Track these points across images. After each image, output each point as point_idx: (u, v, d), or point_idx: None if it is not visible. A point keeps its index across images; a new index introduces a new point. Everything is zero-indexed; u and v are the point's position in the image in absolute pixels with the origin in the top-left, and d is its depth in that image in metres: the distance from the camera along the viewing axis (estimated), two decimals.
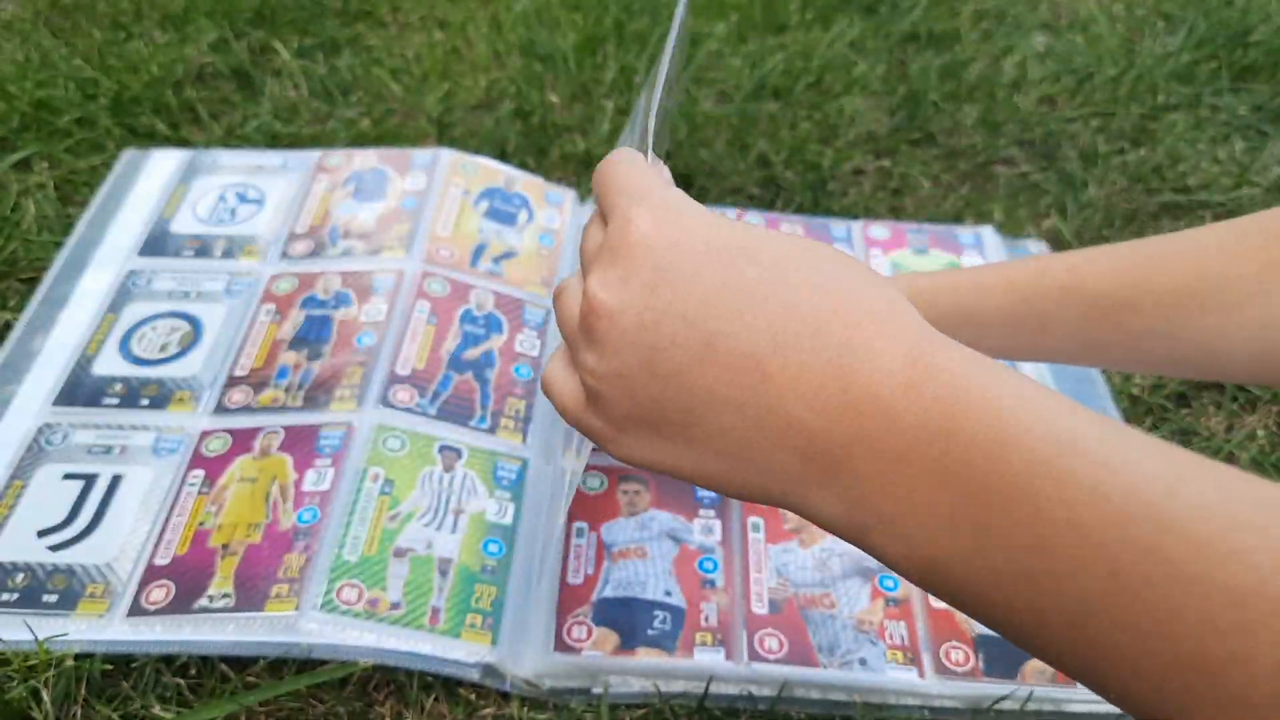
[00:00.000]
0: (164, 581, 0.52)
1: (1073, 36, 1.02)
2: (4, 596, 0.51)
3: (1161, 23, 1.04)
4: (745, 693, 0.51)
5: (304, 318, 0.66)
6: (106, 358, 0.63)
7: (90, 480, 0.57)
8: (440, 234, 0.72)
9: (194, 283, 0.68)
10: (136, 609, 0.51)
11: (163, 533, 0.54)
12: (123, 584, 0.52)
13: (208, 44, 0.91)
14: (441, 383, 0.62)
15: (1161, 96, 0.94)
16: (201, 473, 0.57)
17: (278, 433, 0.59)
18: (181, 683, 0.50)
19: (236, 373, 0.63)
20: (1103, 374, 0.69)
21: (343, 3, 0.99)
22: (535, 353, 0.66)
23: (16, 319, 0.66)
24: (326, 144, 0.83)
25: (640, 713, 0.51)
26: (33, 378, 0.62)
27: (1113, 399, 0.67)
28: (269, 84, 0.88)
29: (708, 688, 0.51)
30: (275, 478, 0.56)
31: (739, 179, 0.83)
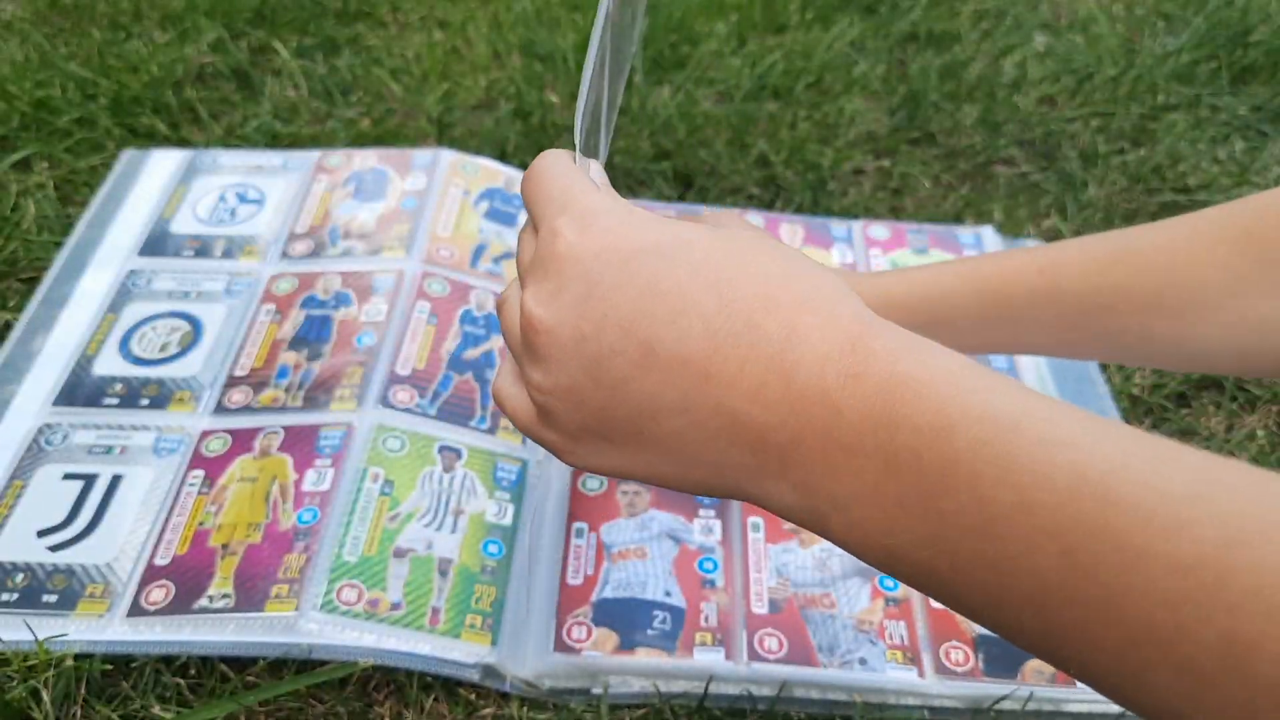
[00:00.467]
0: (164, 582, 0.52)
1: (1073, 36, 1.02)
2: (4, 596, 0.51)
3: (1161, 23, 1.04)
4: (745, 693, 0.51)
5: (304, 318, 0.66)
6: (106, 358, 0.63)
7: (90, 480, 0.57)
8: (440, 234, 0.72)
9: (194, 283, 0.68)
10: (136, 609, 0.51)
11: (163, 533, 0.54)
12: (122, 584, 0.52)
13: (207, 44, 0.91)
14: (441, 383, 0.62)
15: (1161, 96, 0.94)
16: (201, 473, 0.57)
17: (278, 433, 0.59)
18: (181, 683, 0.50)
19: (236, 373, 0.63)
20: (1103, 374, 0.69)
21: (342, 3, 0.99)
22: None
23: (16, 319, 0.66)
24: (326, 144, 0.83)
25: (640, 713, 0.51)
26: (33, 378, 0.62)
27: (1113, 399, 0.67)
28: (269, 84, 0.88)
29: (707, 688, 0.51)
30: (275, 478, 0.56)
31: (739, 179, 0.83)
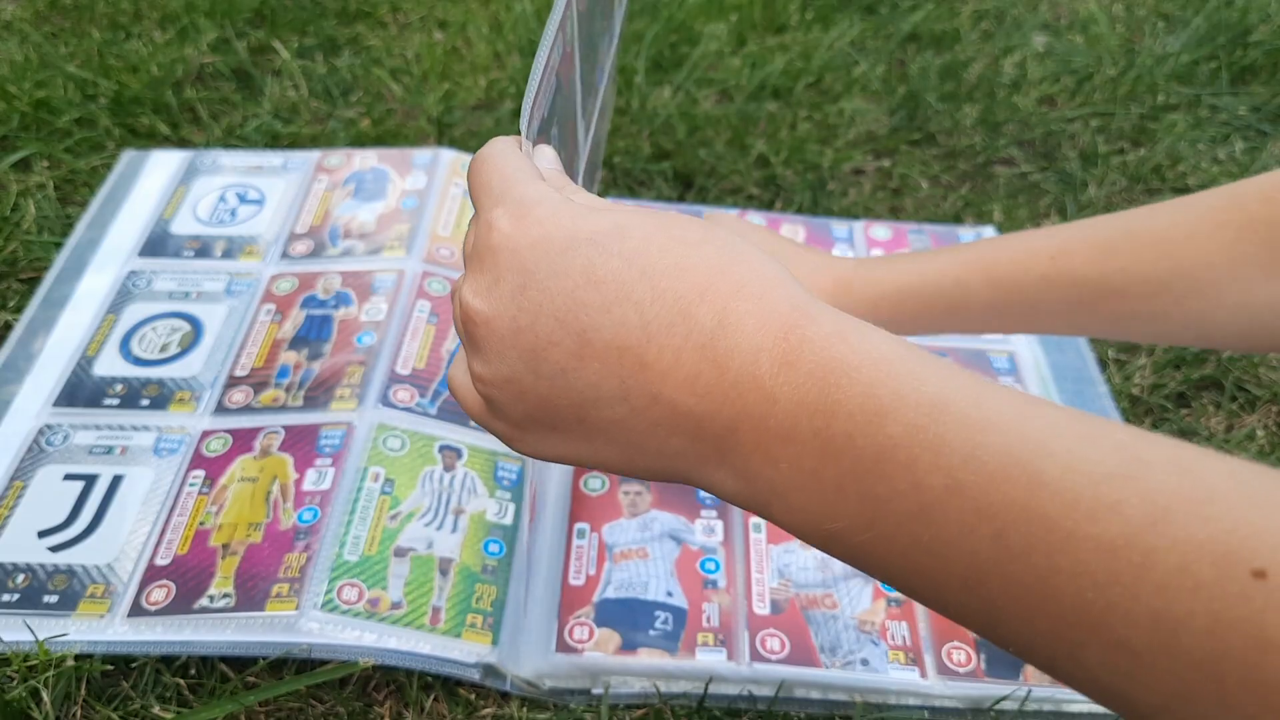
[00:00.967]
0: (164, 582, 0.52)
1: (1073, 37, 1.02)
2: (5, 597, 0.51)
3: (1161, 23, 1.04)
4: (746, 693, 0.51)
5: (304, 317, 0.66)
6: (107, 358, 0.63)
7: (91, 481, 0.57)
8: (440, 234, 0.72)
9: (194, 283, 0.68)
10: (137, 609, 0.51)
11: (163, 533, 0.54)
12: (123, 584, 0.52)
13: (207, 44, 0.91)
14: (442, 382, 0.62)
15: (1161, 96, 0.94)
16: (202, 473, 0.57)
17: (278, 432, 0.59)
18: (181, 683, 0.50)
19: (237, 373, 0.63)
20: (1103, 374, 0.69)
21: (342, 3, 0.99)
22: None
23: (17, 320, 0.66)
24: (326, 144, 0.83)
25: (639, 713, 0.51)
26: (33, 378, 0.62)
27: (1112, 399, 0.67)
28: (269, 84, 0.88)
29: (707, 688, 0.51)
30: (276, 477, 0.56)
31: (739, 179, 0.83)
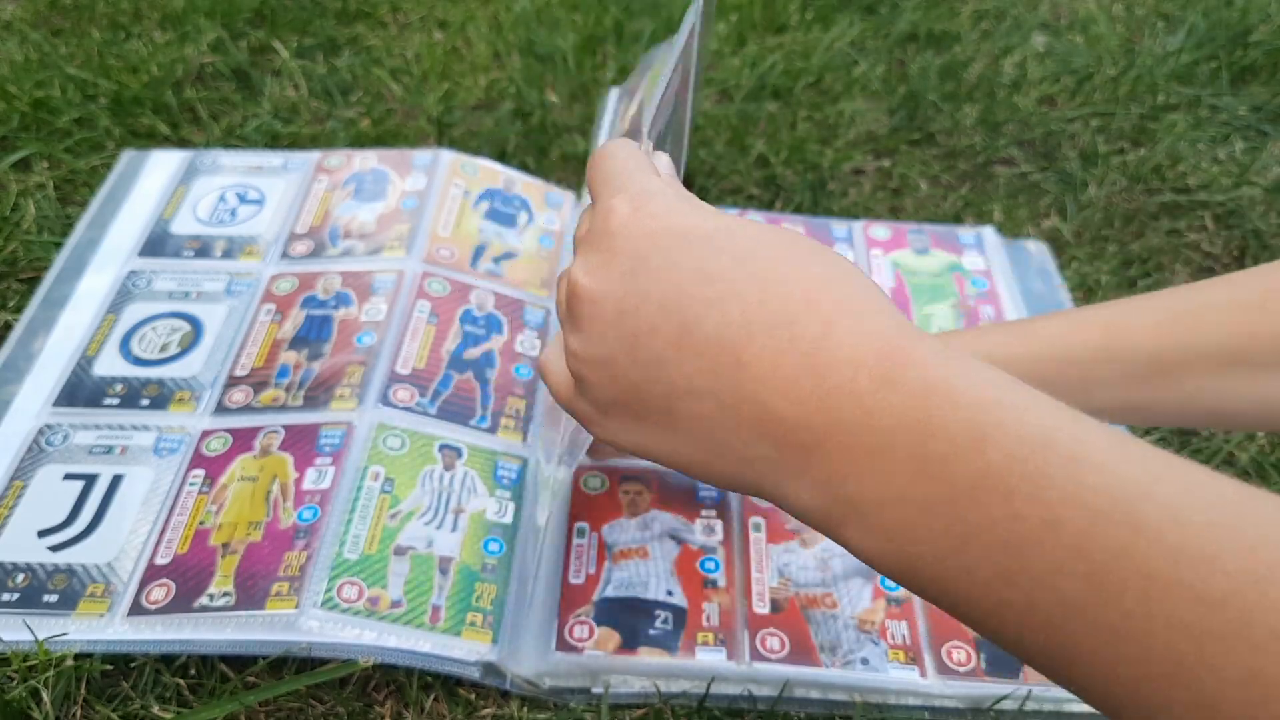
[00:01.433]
0: (164, 581, 0.52)
1: (1073, 37, 1.02)
2: (4, 597, 0.51)
3: (1161, 23, 1.04)
4: (746, 693, 0.51)
5: (304, 317, 0.66)
6: (107, 358, 0.63)
7: (91, 480, 0.57)
8: (440, 234, 0.72)
9: (194, 283, 0.68)
10: (137, 608, 0.51)
11: (163, 532, 0.54)
12: (123, 584, 0.52)
13: (207, 44, 0.91)
14: (442, 382, 0.62)
15: (1161, 96, 0.94)
16: (202, 472, 0.57)
17: (278, 432, 0.59)
18: (181, 683, 0.50)
19: (237, 372, 0.63)
20: None
21: (342, 3, 0.99)
22: (535, 353, 0.66)
23: (16, 319, 0.66)
24: (326, 144, 0.83)
25: (640, 713, 0.51)
26: (33, 378, 0.62)
27: None
28: (269, 84, 0.88)
29: (709, 688, 0.51)
30: (276, 476, 0.56)
31: (739, 179, 0.83)
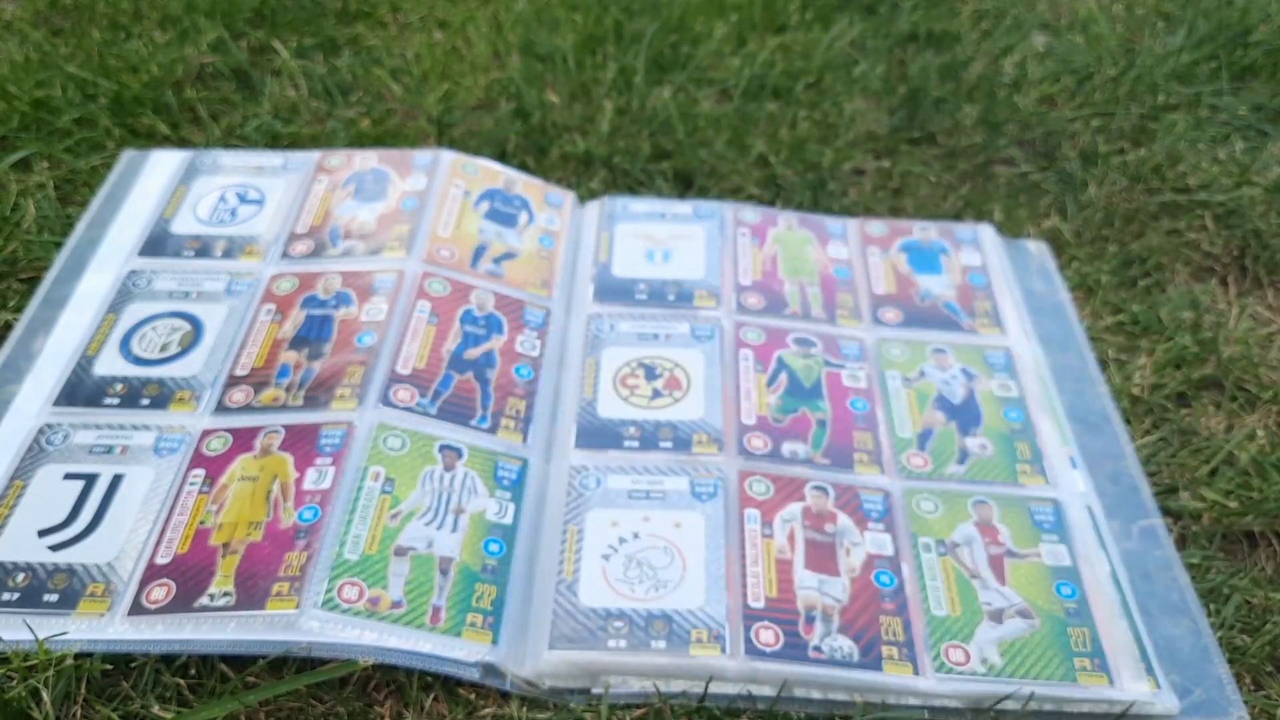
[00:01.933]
0: (165, 580, 0.52)
1: (1072, 36, 1.02)
2: (4, 596, 0.51)
3: (1161, 22, 1.04)
4: (745, 692, 0.51)
5: (304, 317, 0.66)
6: (107, 358, 0.63)
7: (91, 480, 0.57)
8: (441, 234, 0.72)
9: (194, 283, 0.68)
10: (137, 608, 0.51)
11: (163, 532, 0.54)
12: (123, 583, 0.52)
13: (207, 44, 0.91)
14: (442, 382, 0.62)
15: (1161, 96, 0.94)
16: (202, 472, 0.57)
17: (278, 432, 0.59)
18: (181, 683, 0.50)
19: (237, 372, 0.63)
20: (1103, 373, 0.69)
21: (342, 3, 0.99)
22: (535, 353, 0.67)
23: (17, 319, 0.66)
24: (326, 144, 0.83)
25: (639, 712, 0.51)
26: (33, 378, 0.62)
27: (1113, 399, 0.67)
28: (269, 84, 0.88)
29: (707, 687, 0.51)
30: (276, 476, 0.56)
31: (739, 179, 0.83)
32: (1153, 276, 0.77)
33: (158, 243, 0.71)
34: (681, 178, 0.83)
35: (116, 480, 0.57)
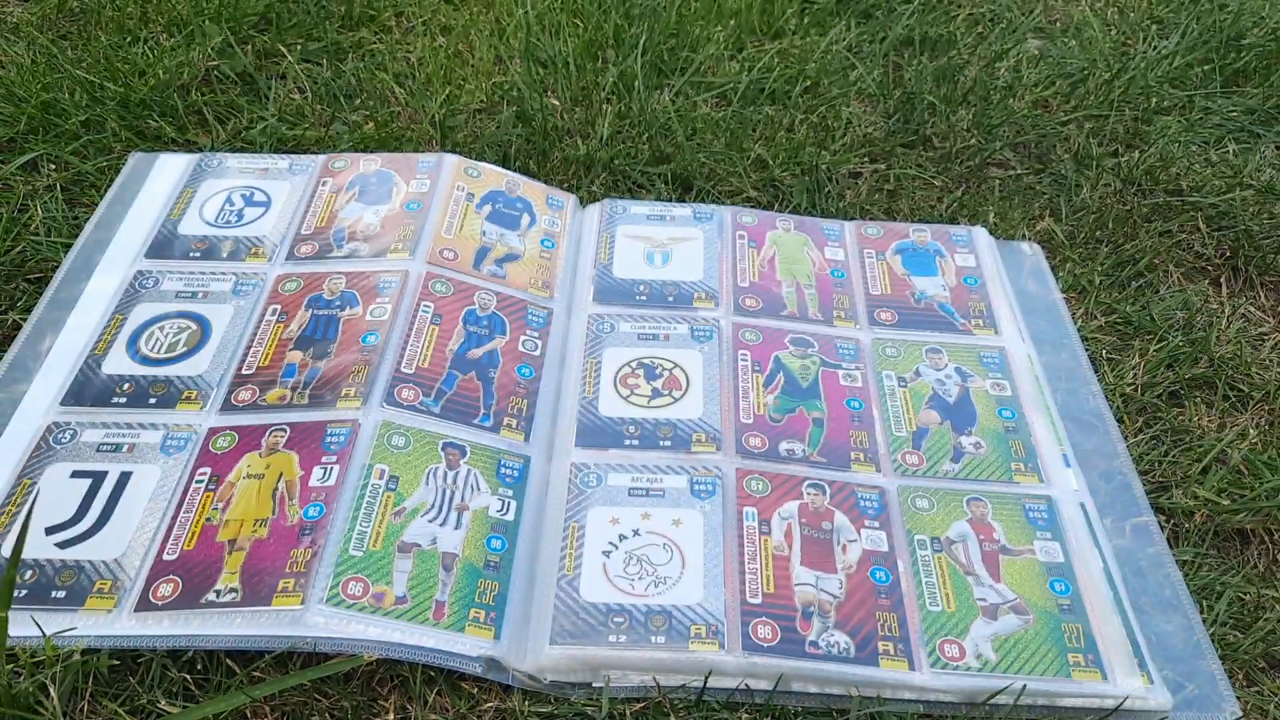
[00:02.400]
0: (172, 577, 0.53)
1: (1066, 40, 1.03)
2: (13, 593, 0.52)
3: (1154, 27, 1.05)
4: (743, 686, 0.52)
5: (310, 317, 0.67)
6: (115, 357, 0.64)
7: (99, 478, 0.57)
8: (444, 236, 0.72)
9: (201, 283, 0.69)
10: (144, 604, 0.52)
11: (170, 529, 0.55)
12: (131, 579, 0.53)
13: (213, 48, 0.92)
14: (445, 381, 0.63)
15: (1154, 99, 0.95)
16: (209, 469, 0.58)
17: (284, 430, 0.60)
18: (188, 678, 0.50)
19: (243, 371, 0.63)
20: (1096, 373, 0.70)
21: (347, 7, 1.00)
22: (537, 353, 0.67)
23: (25, 320, 0.67)
24: (331, 146, 0.84)
25: (639, 706, 0.51)
26: (41, 377, 0.63)
27: (1105, 398, 0.68)
28: (274, 88, 0.89)
29: (706, 681, 0.51)
30: (282, 474, 0.57)
31: (737, 182, 0.84)
32: (1145, 277, 0.78)
33: (165, 244, 0.72)
34: (681, 180, 0.84)
35: (124, 478, 0.57)
